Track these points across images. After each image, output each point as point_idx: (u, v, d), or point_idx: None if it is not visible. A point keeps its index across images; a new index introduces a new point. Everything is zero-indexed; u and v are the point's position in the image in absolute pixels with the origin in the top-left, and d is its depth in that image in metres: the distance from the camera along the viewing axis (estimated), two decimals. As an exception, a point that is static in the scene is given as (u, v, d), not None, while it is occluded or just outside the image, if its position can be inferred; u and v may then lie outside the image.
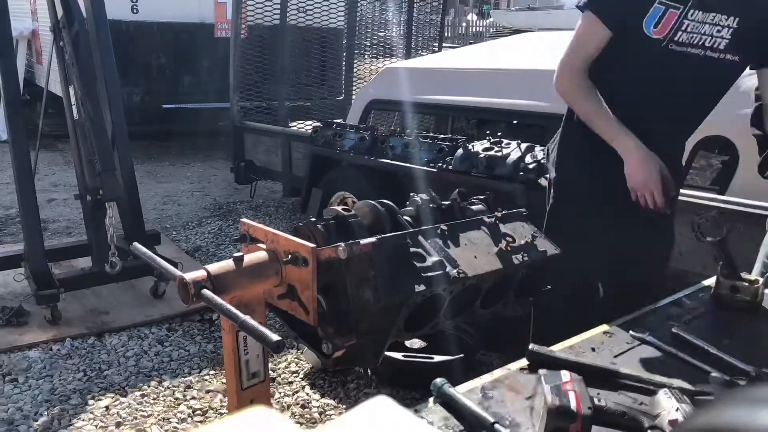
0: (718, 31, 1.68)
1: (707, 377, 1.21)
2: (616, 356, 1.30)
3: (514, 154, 2.82)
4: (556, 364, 1.16)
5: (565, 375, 1.06)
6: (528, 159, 2.77)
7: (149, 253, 1.25)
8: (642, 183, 1.67)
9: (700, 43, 1.70)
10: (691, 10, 1.65)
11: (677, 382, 1.17)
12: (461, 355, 2.67)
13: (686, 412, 0.99)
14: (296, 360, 3.03)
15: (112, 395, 2.75)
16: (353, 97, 6.15)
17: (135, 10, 6.97)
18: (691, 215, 1.66)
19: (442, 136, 3.34)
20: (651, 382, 1.17)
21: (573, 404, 0.98)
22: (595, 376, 1.16)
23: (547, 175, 2.04)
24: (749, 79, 2.57)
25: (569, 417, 0.97)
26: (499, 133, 3.07)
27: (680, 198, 2.03)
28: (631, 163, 1.68)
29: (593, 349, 1.32)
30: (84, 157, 3.46)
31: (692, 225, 1.55)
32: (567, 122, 1.92)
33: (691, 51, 1.69)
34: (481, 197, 1.50)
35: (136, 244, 1.27)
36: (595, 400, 1.03)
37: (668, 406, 1.02)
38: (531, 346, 1.21)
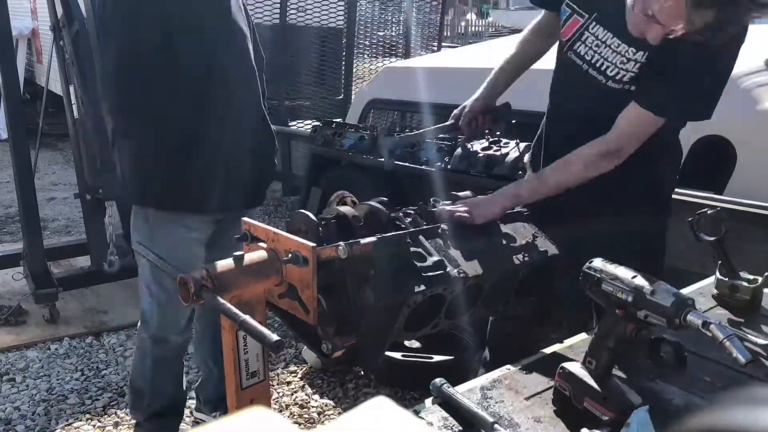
0: (623, 63, 1.54)
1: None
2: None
3: (513, 154, 2.82)
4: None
5: None
6: (526, 158, 2.77)
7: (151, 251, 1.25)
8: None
9: (598, 65, 1.58)
10: (593, 23, 1.59)
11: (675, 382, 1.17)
12: (461, 356, 2.66)
13: None
14: (295, 360, 3.03)
15: (110, 395, 2.75)
16: (353, 96, 6.14)
17: (134, 9, 6.95)
18: (689, 214, 1.66)
19: (441, 135, 3.33)
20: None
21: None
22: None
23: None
24: (748, 78, 2.57)
25: None
26: (498, 133, 3.07)
27: (679, 197, 2.03)
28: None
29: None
30: (84, 156, 3.46)
31: (690, 224, 1.55)
32: None
33: (586, 69, 1.61)
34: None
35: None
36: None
37: None
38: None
